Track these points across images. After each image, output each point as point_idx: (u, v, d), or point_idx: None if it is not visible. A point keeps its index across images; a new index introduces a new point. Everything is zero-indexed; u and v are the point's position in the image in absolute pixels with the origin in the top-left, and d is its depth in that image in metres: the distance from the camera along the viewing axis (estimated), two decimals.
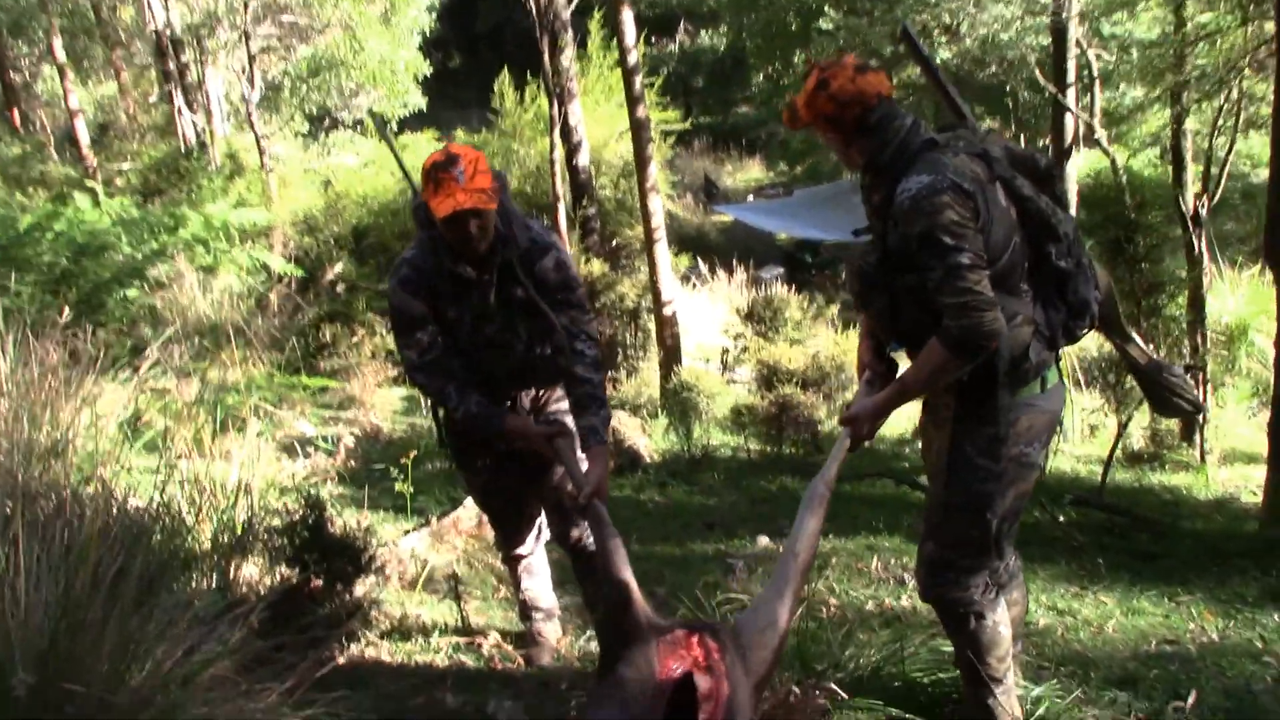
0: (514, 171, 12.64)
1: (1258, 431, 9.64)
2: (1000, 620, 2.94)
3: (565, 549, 3.59)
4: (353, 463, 6.59)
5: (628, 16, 9.03)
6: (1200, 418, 7.56)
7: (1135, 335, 3.22)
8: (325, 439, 6.77)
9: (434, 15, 15.27)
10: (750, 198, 25.51)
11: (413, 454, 5.07)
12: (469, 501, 5.44)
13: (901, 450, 8.67)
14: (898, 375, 2.95)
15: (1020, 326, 2.72)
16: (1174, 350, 7.34)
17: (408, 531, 5.24)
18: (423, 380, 3.28)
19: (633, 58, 9.14)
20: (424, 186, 3.02)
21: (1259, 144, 13.64)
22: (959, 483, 2.82)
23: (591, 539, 3.42)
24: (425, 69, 14.55)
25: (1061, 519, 6.21)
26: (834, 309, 12.63)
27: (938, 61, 14.74)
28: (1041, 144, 21.37)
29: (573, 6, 9.59)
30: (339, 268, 10.23)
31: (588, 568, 3.53)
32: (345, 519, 4.53)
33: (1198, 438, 7.97)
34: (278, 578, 3.95)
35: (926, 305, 2.63)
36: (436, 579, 4.66)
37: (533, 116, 12.85)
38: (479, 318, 3.22)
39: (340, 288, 10.24)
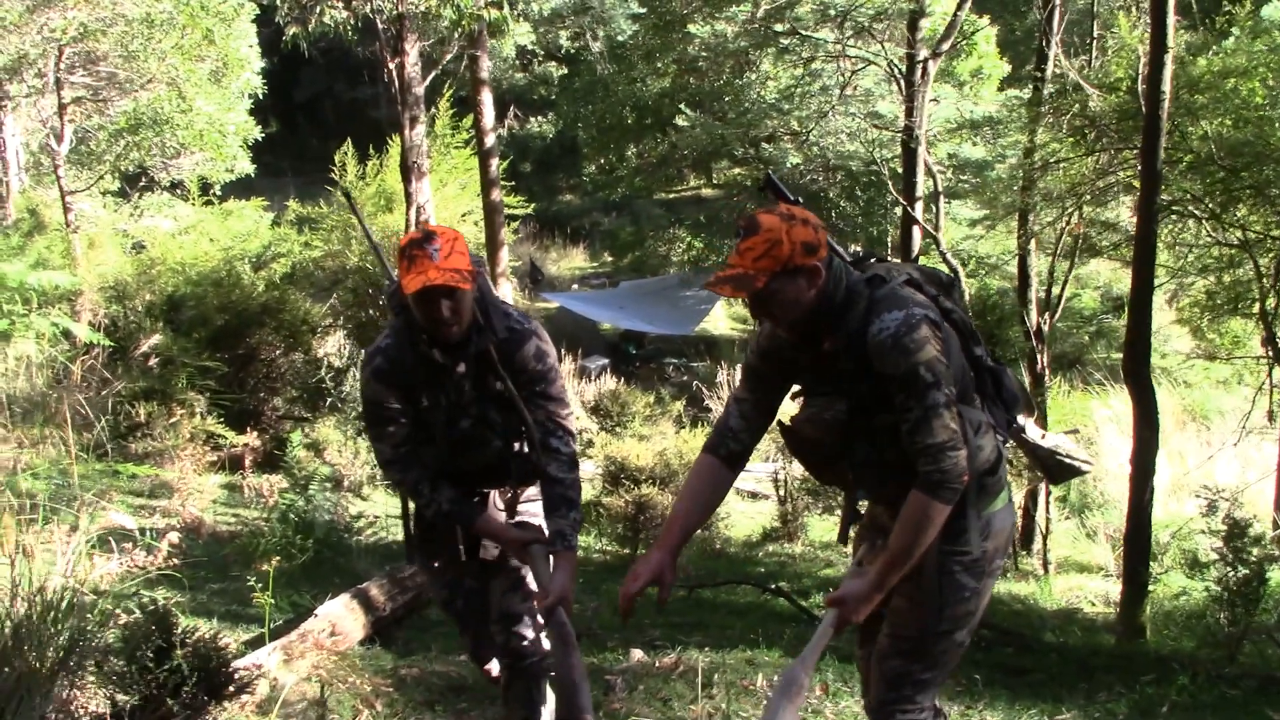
0: (354, 248, 12.11)
1: (1078, 539, 10.11)
2: None
3: (503, 660, 3.25)
4: (175, 561, 5.87)
5: (487, 98, 8.85)
6: (1044, 528, 7.79)
7: None
8: (143, 532, 6.03)
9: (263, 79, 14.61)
10: (575, 286, 25.55)
11: (276, 560, 4.51)
12: (321, 610, 4.92)
13: (753, 554, 8.57)
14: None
15: (987, 433, 2.67)
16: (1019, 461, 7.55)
17: (249, 644, 4.64)
18: (396, 475, 3.13)
19: (490, 139, 8.92)
20: (398, 264, 2.86)
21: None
22: (946, 605, 2.67)
23: (534, 656, 3.18)
24: (256, 133, 13.84)
25: None
26: (679, 405, 12.57)
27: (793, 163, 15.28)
28: (853, 248, 22.49)
29: (427, 82, 9.31)
30: (155, 340, 9.37)
31: (522, 688, 3.20)
32: (195, 634, 3.93)
33: (1037, 546, 8.21)
34: (110, 706, 3.36)
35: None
36: (290, 701, 4.10)
37: (374, 192, 12.39)
38: (453, 410, 3.04)
39: (154, 361, 9.37)
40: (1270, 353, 7.00)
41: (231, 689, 3.57)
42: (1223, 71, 6.87)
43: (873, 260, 2.73)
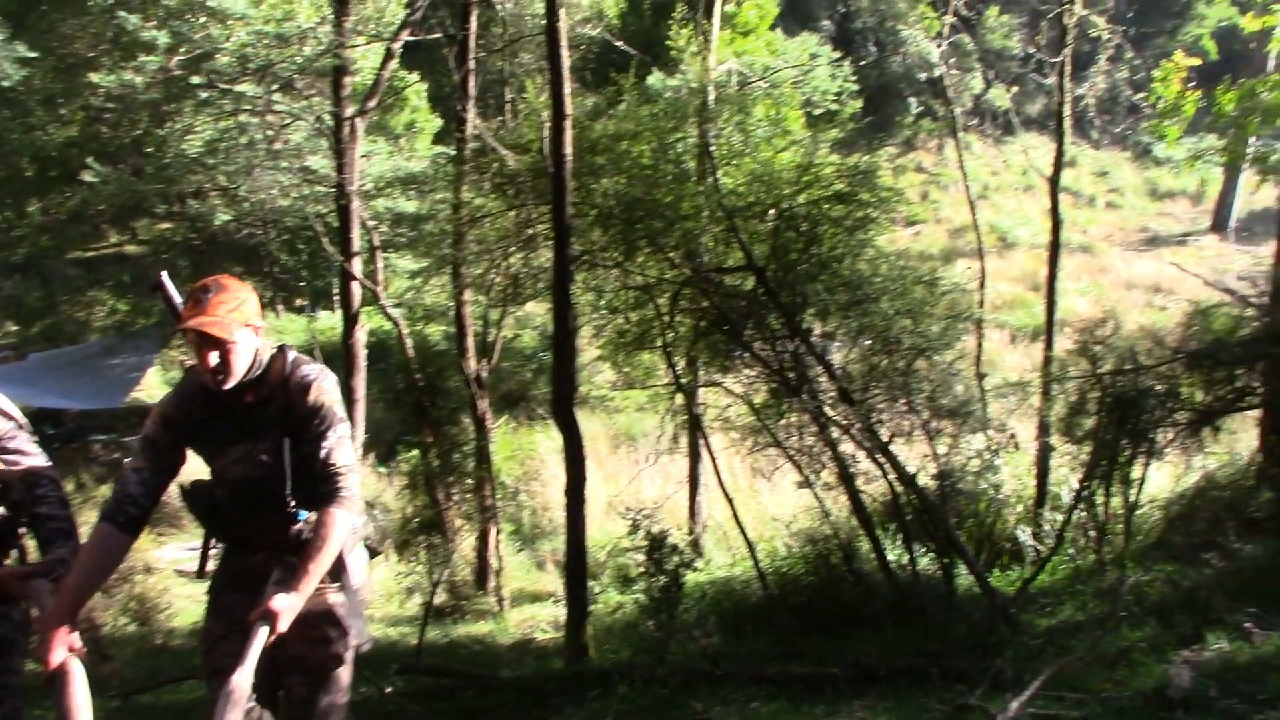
0: None
1: (530, 569, 10.69)
2: None
3: None
4: None
5: None
6: (497, 565, 8.07)
7: None
8: None
9: None
10: None
11: None
12: None
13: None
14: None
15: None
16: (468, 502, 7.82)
17: None
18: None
19: None
20: None
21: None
22: (349, 634, 3.22)
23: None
24: None
25: (389, 690, 6.13)
26: (104, 489, 11.29)
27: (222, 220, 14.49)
28: (300, 303, 22.11)
29: None
30: None
31: None
32: None
33: (492, 584, 8.50)
34: None
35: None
36: None
37: None
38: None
39: None
40: (673, 381, 7.90)
41: None
42: (616, 135, 7.69)
43: None
